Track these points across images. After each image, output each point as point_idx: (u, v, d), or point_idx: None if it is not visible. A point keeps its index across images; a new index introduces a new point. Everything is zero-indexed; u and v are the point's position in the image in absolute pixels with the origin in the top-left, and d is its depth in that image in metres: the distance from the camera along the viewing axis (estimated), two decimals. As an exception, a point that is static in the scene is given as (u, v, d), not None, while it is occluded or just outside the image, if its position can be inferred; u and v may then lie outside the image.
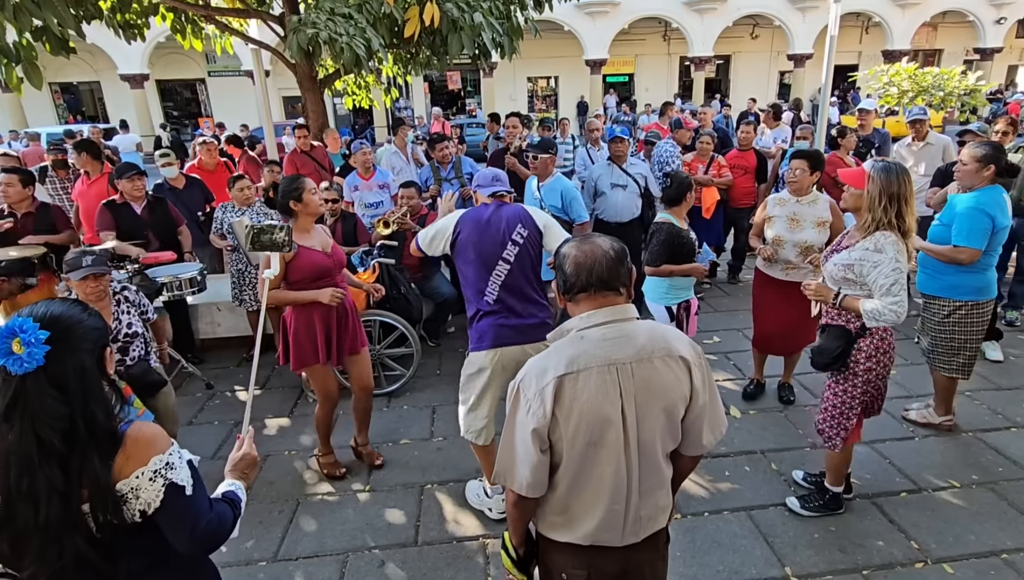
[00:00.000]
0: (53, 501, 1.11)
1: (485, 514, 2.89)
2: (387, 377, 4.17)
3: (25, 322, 1.12)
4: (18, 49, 4.74)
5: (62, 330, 1.15)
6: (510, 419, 1.44)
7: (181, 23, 7.20)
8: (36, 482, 1.11)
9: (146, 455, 1.20)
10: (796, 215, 3.49)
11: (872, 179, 2.39)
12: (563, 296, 1.48)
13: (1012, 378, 4.01)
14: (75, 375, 1.15)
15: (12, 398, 1.11)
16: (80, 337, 1.18)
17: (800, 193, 3.51)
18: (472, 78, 25.72)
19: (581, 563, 1.49)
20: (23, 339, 1.10)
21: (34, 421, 1.11)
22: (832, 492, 2.79)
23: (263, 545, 2.76)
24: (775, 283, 3.60)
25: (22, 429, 1.11)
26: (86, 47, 17.67)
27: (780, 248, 3.52)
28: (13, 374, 1.10)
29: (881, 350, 2.54)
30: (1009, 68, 26.06)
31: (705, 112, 7.36)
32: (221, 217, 4.55)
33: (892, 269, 2.33)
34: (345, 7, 5.31)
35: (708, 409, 1.47)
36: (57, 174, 5.83)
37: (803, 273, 3.44)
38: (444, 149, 5.42)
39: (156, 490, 1.20)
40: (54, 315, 1.17)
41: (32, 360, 1.10)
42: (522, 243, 2.60)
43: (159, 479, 1.20)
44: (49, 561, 1.13)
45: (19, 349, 1.10)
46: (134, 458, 1.19)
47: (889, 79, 12.37)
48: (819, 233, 3.43)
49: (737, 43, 25.19)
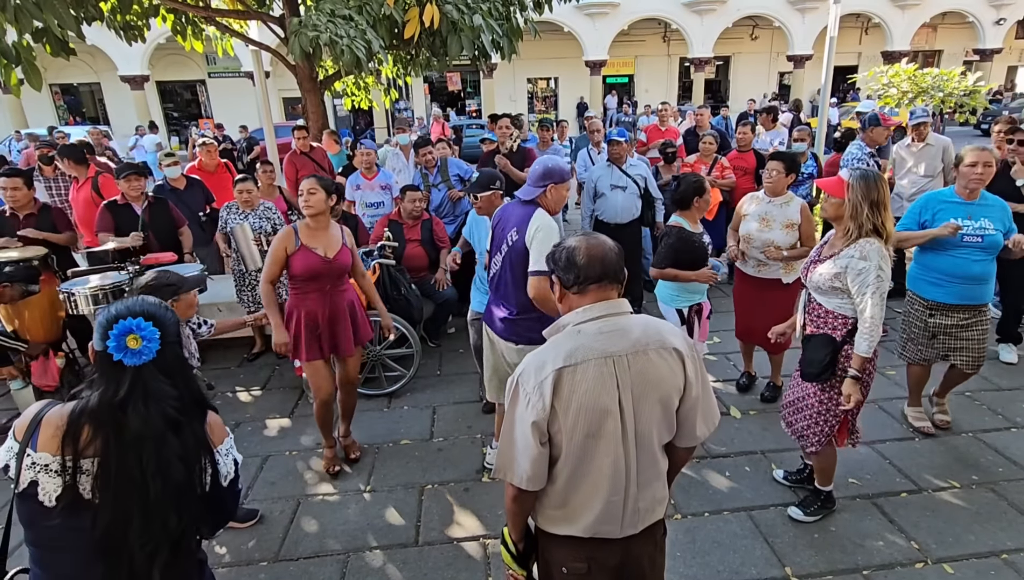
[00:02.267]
0: (178, 467, 1.27)
1: (485, 514, 2.89)
2: (387, 377, 4.17)
3: (139, 321, 1.26)
4: (17, 50, 4.74)
5: (160, 324, 1.30)
6: (509, 413, 1.46)
7: (181, 24, 7.21)
8: (164, 453, 1.25)
9: (221, 435, 1.42)
10: (767, 215, 3.56)
11: (852, 187, 2.40)
12: (569, 289, 1.48)
13: (1012, 378, 4.02)
14: (175, 361, 1.33)
15: (130, 387, 1.25)
16: (170, 330, 1.33)
17: (775, 194, 3.57)
18: (472, 79, 25.75)
19: (581, 556, 1.51)
20: (141, 335, 1.26)
21: (158, 403, 1.26)
22: (825, 492, 2.80)
23: (264, 545, 2.76)
24: (750, 280, 3.73)
25: (148, 412, 1.25)
26: (86, 48, 17.71)
27: (748, 245, 3.61)
28: (128, 366, 1.25)
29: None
30: (1009, 69, 26.09)
31: (702, 113, 7.36)
32: (226, 217, 4.56)
33: (875, 277, 2.36)
34: (345, 9, 5.31)
35: (701, 400, 1.50)
36: (42, 172, 5.83)
37: (774, 269, 3.60)
38: (427, 154, 5.26)
39: (230, 463, 1.41)
40: (151, 312, 1.31)
41: (149, 353, 1.26)
42: (510, 246, 2.62)
43: (230, 455, 1.43)
44: (169, 530, 1.26)
45: (135, 344, 1.25)
46: (216, 436, 1.40)
47: (888, 80, 12.38)
48: (787, 234, 3.49)
49: (737, 44, 25.22)
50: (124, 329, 1.25)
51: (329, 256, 2.98)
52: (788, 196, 3.57)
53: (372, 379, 4.18)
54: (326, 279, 3.01)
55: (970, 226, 3.12)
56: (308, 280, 2.97)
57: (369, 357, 4.11)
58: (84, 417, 1.23)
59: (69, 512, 1.23)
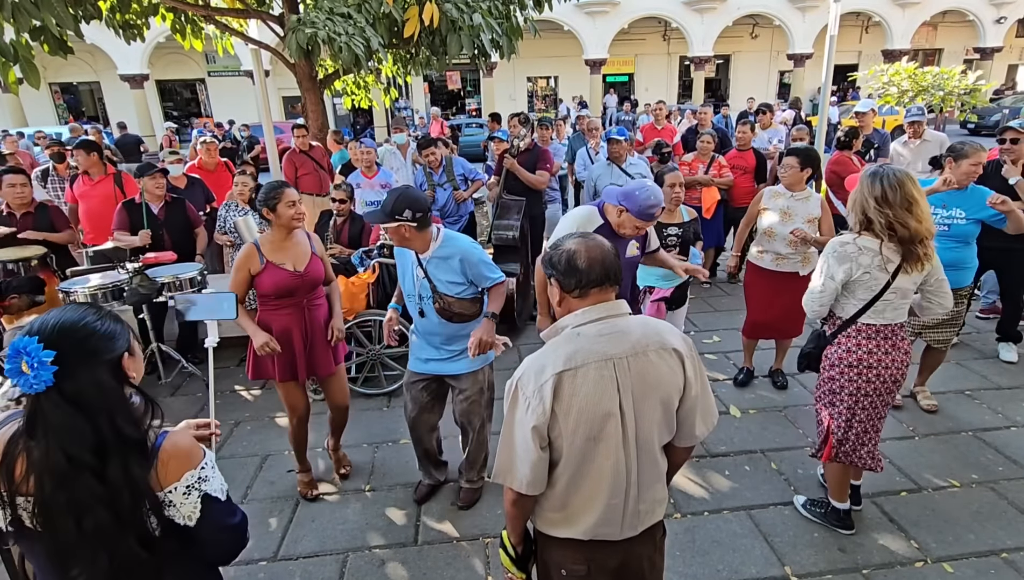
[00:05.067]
0: (98, 511, 1.09)
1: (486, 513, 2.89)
2: (387, 377, 4.17)
3: (29, 343, 1.06)
4: (16, 48, 4.73)
5: (73, 344, 1.10)
6: (508, 417, 1.45)
7: (181, 23, 7.20)
8: (77, 494, 1.09)
9: (179, 471, 1.18)
10: (789, 209, 3.60)
11: (859, 184, 2.38)
12: (570, 292, 1.47)
13: (1012, 378, 4.01)
14: (92, 390, 1.10)
15: (30, 416, 1.09)
16: (93, 350, 1.12)
17: (794, 188, 3.61)
18: (472, 78, 25.73)
19: (581, 557, 1.51)
20: (27, 362, 1.05)
21: (58, 438, 1.08)
22: (833, 506, 2.68)
23: (263, 544, 2.76)
24: (766, 274, 3.75)
25: (48, 446, 1.08)
26: (86, 47, 17.69)
27: (771, 240, 3.65)
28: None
29: (846, 362, 2.41)
30: (1009, 67, 26.06)
31: (705, 112, 7.35)
32: (225, 214, 4.56)
33: (821, 264, 2.41)
34: (344, 7, 5.30)
35: (700, 400, 1.50)
36: (57, 171, 5.82)
37: (793, 263, 3.63)
38: (431, 154, 5.16)
39: (192, 503, 1.18)
40: (64, 329, 1.11)
41: (40, 382, 1.06)
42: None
43: (193, 493, 1.19)
44: (100, 567, 1.12)
45: (27, 370, 1.05)
46: (170, 473, 1.17)
47: (889, 79, 12.38)
48: (808, 228, 3.55)
49: (737, 43, 25.20)
50: (13, 351, 1.06)
51: (299, 269, 2.75)
52: (808, 192, 3.62)
53: (372, 378, 4.17)
54: (300, 293, 2.78)
55: (940, 215, 3.33)
56: (280, 297, 2.74)
57: (369, 356, 4.10)
58: (17, 445, 1.11)
59: (20, 536, 1.15)
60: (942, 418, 3.56)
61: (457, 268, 2.57)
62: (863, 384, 2.41)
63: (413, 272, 2.64)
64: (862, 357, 2.39)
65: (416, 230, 2.49)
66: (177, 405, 4.13)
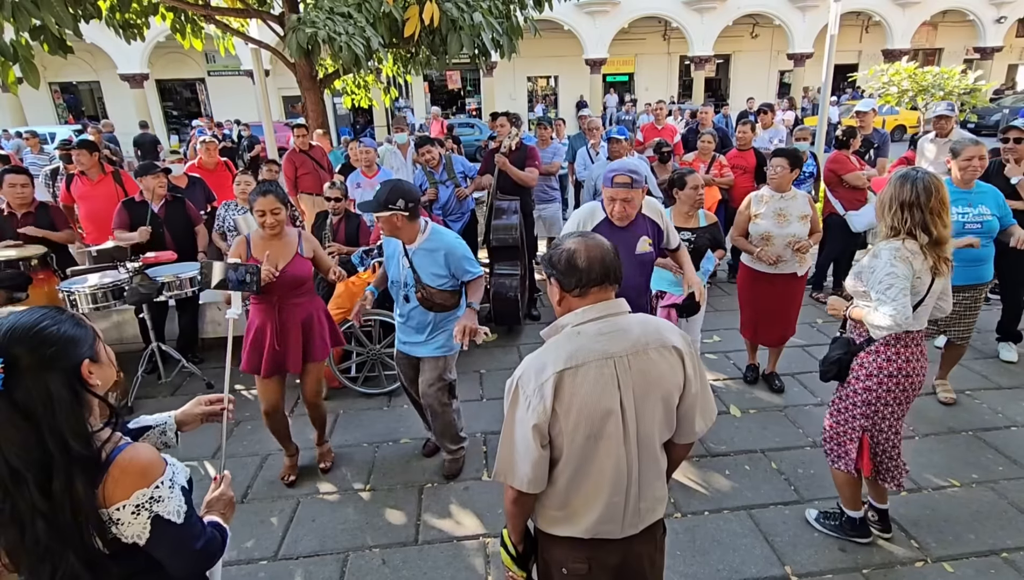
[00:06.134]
0: (38, 524, 1.06)
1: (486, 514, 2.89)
2: (387, 376, 4.16)
3: None
4: (15, 48, 4.73)
5: (27, 351, 1.05)
6: (509, 416, 1.45)
7: (181, 23, 7.21)
8: (18, 505, 1.06)
9: (130, 488, 1.12)
10: (782, 210, 3.64)
11: (887, 186, 2.26)
12: (570, 292, 1.47)
13: (1012, 377, 4.02)
14: (41, 400, 1.05)
15: None
16: (47, 357, 1.07)
17: (782, 189, 3.65)
18: (472, 77, 25.71)
19: (581, 556, 1.51)
20: None
21: (2, 447, 1.04)
22: (848, 515, 2.61)
23: (263, 544, 2.76)
24: (761, 277, 3.76)
25: None
26: (86, 47, 17.67)
27: (769, 244, 3.65)
28: None
29: (886, 372, 2.30)
30: (1009, 67, 26.05)
31: (706, 112, 7.35)
32: (224, 215, 4.55)
33: (886, 274, 2.17)
34: (344, 6, 5.31)
35: (700, 397, 1.51)
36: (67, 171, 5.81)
37: (790, 264, 3.65)
38: (428, 153, 5.15)
39: (141, 524, 1.13)
40: (16, 335, 1.06)
41: None
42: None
43: (143, 513, 1.12)
44: (41, 577, 1.11)
45: None
46: (119, 489, 1.11)
47: (889, 78, 12.38)
48: (803, 226, 3.61)
49: (737, 42, 25.18)
50: None
51: (277, 268, 2.83)
52: (794, 191, 3.68)
53: (372, 378, 4.17)
54: (275, 291, 2.85)
55: (970, 213, 3.38)
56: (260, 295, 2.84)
57: (369, 356, 4.10)
58: None
59: None
60: (942, 418, 3.56)
61: (442, 261, 2.78)
62: (899, 394, 2.32)
63: (399, 261, 2.82)
64: (902, 366, 2.29)
65: (407, 220, 2.68)
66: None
